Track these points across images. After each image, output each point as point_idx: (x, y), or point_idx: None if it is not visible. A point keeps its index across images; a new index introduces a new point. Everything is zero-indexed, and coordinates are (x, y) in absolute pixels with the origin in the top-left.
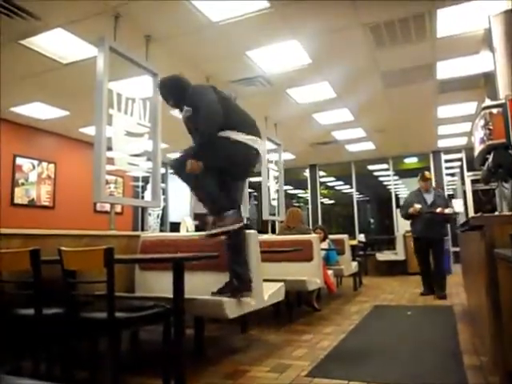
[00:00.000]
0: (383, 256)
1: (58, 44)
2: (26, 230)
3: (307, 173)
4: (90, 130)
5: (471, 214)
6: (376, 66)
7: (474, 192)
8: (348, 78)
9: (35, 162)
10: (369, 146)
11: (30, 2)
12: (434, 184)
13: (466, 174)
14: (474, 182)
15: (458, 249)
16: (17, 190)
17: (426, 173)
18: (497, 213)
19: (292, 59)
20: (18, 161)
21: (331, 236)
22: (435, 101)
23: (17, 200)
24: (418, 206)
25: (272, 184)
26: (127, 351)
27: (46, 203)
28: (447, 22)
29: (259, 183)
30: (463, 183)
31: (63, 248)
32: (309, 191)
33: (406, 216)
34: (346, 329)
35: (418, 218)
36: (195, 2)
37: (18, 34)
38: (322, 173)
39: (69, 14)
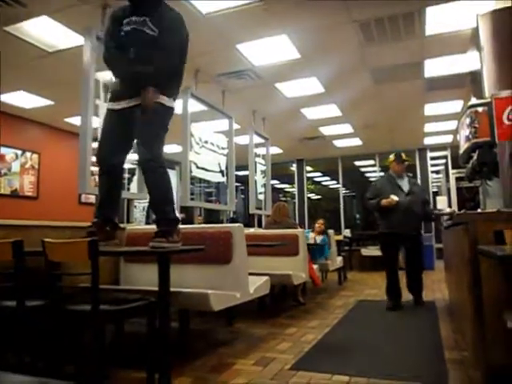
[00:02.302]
0: (368, 251)
1: (44, 32)
2: (8, 220)
3: (294, 167)
4: (75, 120)
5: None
6: (365, 63)
7: (458, 189)
8: (336, 73)
9: (19, 152)
10: (356, 141)
11: None
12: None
13: (451, 171)
14: (458, 179)
15: (441, 245)
16: None
17: (403, 154)
18: (479, 210)
19: (281, 54)
20: (1, 150)
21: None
22: (422, 98)
23: None
24: (395, 199)
25: (259, 178)
26: (112, 344)
27: (30, 194)
28: (436, 21)
29: (246, 177)
30: (448, 180)
31: (47, 239)
32: (296, 186)
33: (377, 207)
34: (331, 323)
35: (393, 210)
36: None
37: (2, 21)
38: (309, 168)
39: (55, 1)
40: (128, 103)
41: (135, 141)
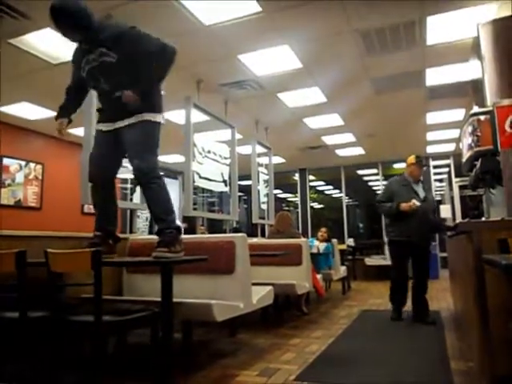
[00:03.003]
0: (372, 261)
1: (48, 44)
2: (11, 231)
3: (297, 177)
4: (78, 131)
5: (459, 219)
6: (366, 72)
7: (462, 198)
8: (338, 83)
9: (22, 163)
10: (358, 150)
11: (20, 1)
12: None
13: (454, 179)
14: (461, 187)
15: (445, 254)
16: (3, 190)
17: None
18: (483, 218)
19: (283, 64)
20: (5, 161)
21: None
22: (424, 107)
23: (3, 201)
24: (417, 203)
25: (262, 187)
26: (115, 355)
27: (33, 204)
28: (437, 30)
29: (249, 187)
30: (451, 189)
31: (50, 250)
32: (298, 195)
33: (394, 211)
34: (335, 333)
35: (408, 217)
36: (187, 4)
37: (7, 33)
38: (311, 177)
39: None
40: (114, 125)
41: (128, 158)
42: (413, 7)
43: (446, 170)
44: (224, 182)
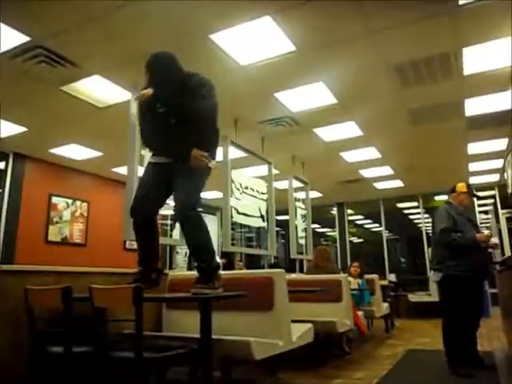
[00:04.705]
0: (416, 297)
1: (95, 89)
2: (58, 267)
3: (335, 211)
4: (122, 170)
5: (508, 253)
6: (402, 105)
7: (510, 230)
8: (374, 117)
9: (69, 201)
10: (397, 183)
11: (70, 51)
12: None
13: (501, 211)
14: (508, 219)
15: (495, 290)
16: (51, 227)
17: None
18: None
19: (318, 100)
20: (54, 200)
21: None
22: (465, 137)
23: (51, 237)
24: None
25: (299, 222)
26: None
27: (78, 241)
28: (474, 60)
29: (286, 221)
30: (497, 221)
31: (94, 285)
32: (337, 229)
33: (470, 243)
34: (379, 374)
35: (477, 249)
36: (223, 46)
37: (58, 81)
38: (349, 211)
39: (105, 61)
40: (167, 159)
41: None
42: (447, 39)
43: (491, 201)
44: (261, 217)
